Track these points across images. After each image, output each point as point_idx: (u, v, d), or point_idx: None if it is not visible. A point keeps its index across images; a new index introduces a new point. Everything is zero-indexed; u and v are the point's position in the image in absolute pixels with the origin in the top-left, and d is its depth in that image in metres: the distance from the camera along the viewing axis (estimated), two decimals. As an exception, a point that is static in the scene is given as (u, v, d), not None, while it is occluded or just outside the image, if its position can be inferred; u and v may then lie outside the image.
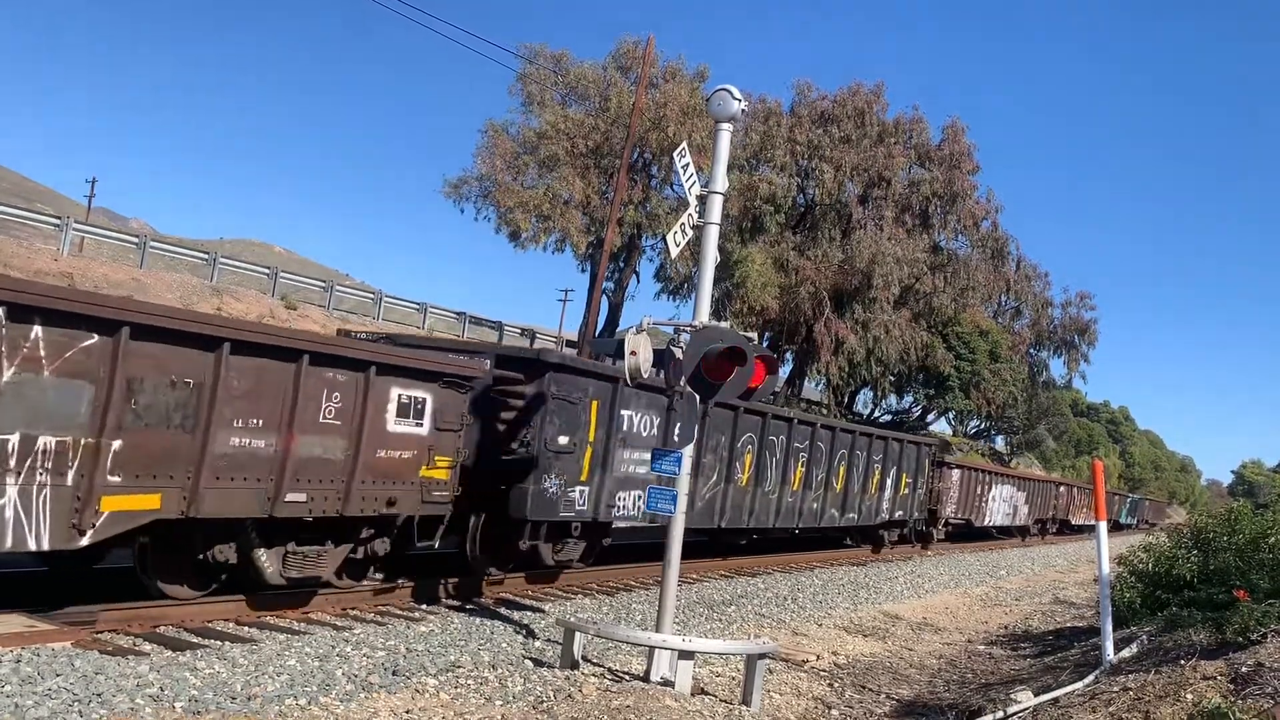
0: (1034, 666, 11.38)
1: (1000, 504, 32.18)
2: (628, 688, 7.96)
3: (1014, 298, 56.71)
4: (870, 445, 20.82)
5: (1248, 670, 6.73)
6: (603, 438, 12.36)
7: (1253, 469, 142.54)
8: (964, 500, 28.26)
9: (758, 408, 15.78)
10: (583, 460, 12.06)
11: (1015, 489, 34.53)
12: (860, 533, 22.55)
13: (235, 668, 7.40)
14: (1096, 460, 11.65)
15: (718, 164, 8.97)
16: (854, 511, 20.25)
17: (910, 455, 23.20)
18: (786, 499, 17.40)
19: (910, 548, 25.70)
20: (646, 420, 13.21)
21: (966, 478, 28.72)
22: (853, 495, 20.08)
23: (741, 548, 18.23)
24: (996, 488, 32.01)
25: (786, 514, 17.54)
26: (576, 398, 11.85)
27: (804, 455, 17.84)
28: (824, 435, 18.68)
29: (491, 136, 37.59)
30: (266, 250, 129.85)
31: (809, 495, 18.24)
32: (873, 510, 21.21)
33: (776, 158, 40.56)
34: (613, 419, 12.53)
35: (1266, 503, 47.95)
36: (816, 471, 18.30)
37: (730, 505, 15.67)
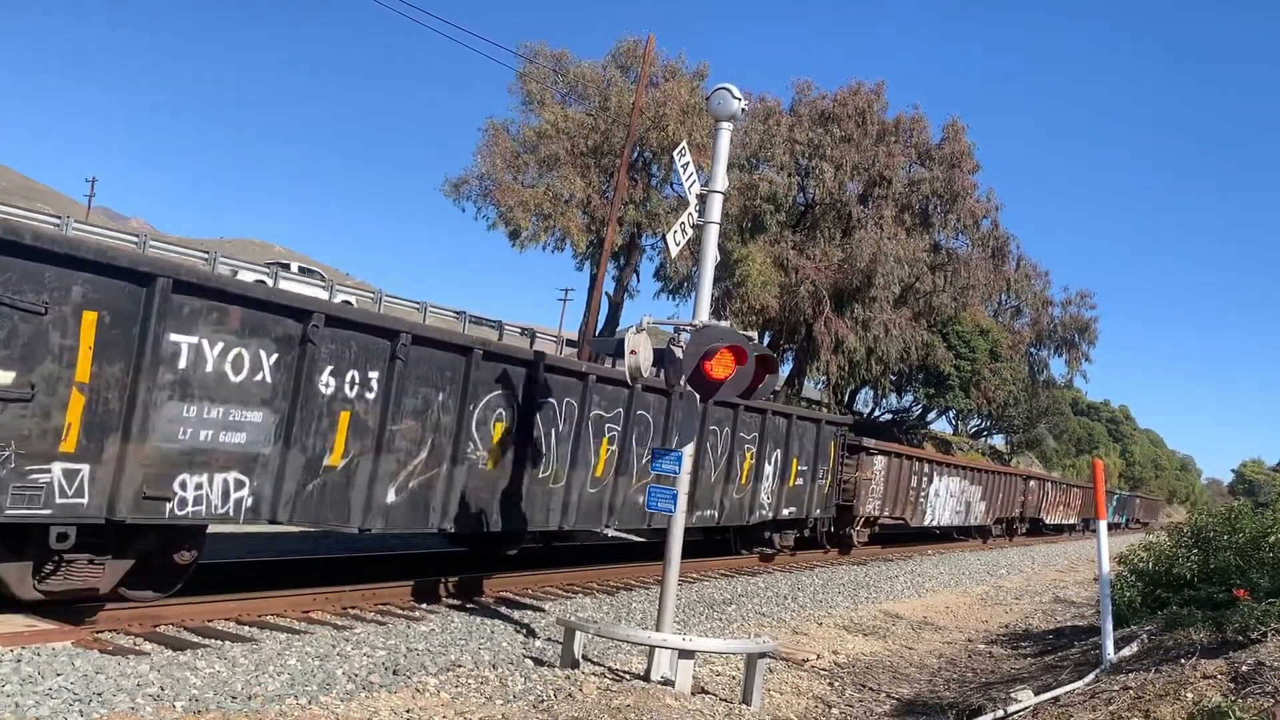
0: (1034, 665, 11.38)
1: (946, 500, 27.34)
2: (628, 687, 7.96)
3: (1014, 296, 56.75)
4: (735, 420, 15.66)
5: (1248, 669, 6.72)
6: (119, 378, 7.61)
7: (1253, 468, 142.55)
8: (893, 495, 23.38)
9: (518, 354, 11.63)
10: (62, 416, 7.28)
11: (967, 482, 29.46)
12: (740, 535, 17.96)
13: (236, 667, 7.40)
14: (1097, 459, 11.66)
15: (718, 163, 8.97)
16: (711, 507, 15.40)
17: (805, 436, 18.24)
18: (584, 489, 12.65)
19: (824, 553, 21.01)
20: (240, 356, 8.47)
21: (896, 467, 23.54)
22: (707, 485, 15.13)
23: (510, 560, 13.49)
24: (940, 480, 26.88)
25: (584, 510, 12.75)
26: (36, 301, 7.08)
27: (615, 430, 13.12)
28: (651, 403, 13.64)
29: (492, 135, 37.62)
30: (266, 249, 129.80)
31: (627, 484, 13.42)
32: (743, 506, 16.48)
33: (776, 157, 40.57)
34: (148, 347, 7.69)
35: (1267, 501, 47.96)
36: (640, 450, 13.58)
37: (465, 495, 10.84)
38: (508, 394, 11.30)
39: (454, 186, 37.55)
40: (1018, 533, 36.64)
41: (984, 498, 30.92)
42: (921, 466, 25.56)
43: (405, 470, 10.16)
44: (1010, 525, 35.47)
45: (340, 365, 9.36)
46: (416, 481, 10.32)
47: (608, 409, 13.00)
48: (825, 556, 20.90)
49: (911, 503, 24.82)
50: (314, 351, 8.99)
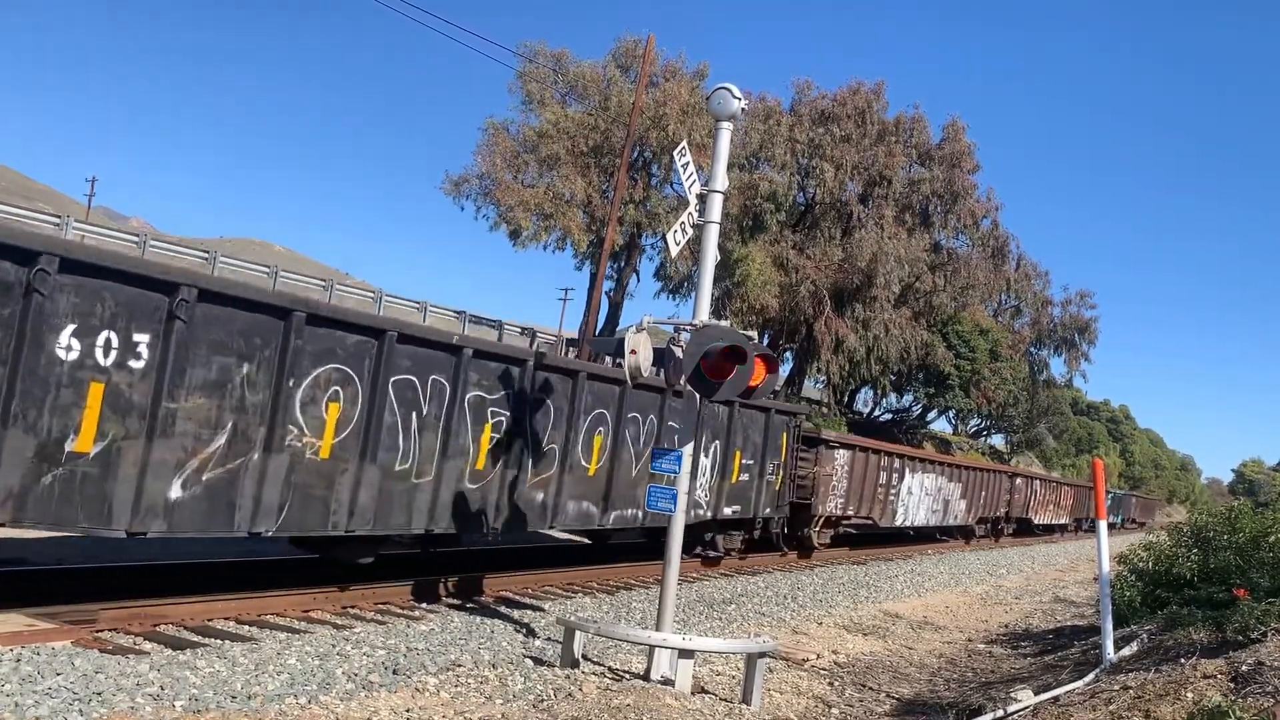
0: (1034, 665, 11.38)
1: (920, 498, 25.30)
2: (628, 686, 7.96)
3: (1014, 296, 56.80)
4: (662, 408, 13.89)
5: (1248, 669, 6.72)
6: None
7: (1253, 467, 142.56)
8: (859, 492, 21.30)
9: (359, 321, 9.78)
10: None
11: (945, 479, 27.35)
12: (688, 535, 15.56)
13: (235, 666, 7.40)
14: (1096, 459, 11.65)
15: (718, 162, 8.96)
16: (633, 506, 13.55)
17: (750, 427, 16.14)
18: (459, 485, 10.81)
19: (780, 556, 18.92)
20: None
21: (861, 462, 21.37)
22: (627, 481, 13.38)
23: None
24: (914, 476, 24.82)
25: (460, 510, 10.83)
26: None
27: (502, 416, 11.18)
28: (555, 386, 11.98)
29: (492, 135, 37.63)
30: (266, 249, 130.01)
31: (520, 478, 11.63)
32: None
33: (777, 156, 40.57)
34: None
35: (1267, 501, 47.91)
36: (538, 439, 11.79)
37: (287, 491, 8.98)
38: (347, 368, 9.43)
39: (454, 186, 37.58)
40: (1004, 533, 35.00)
41: (964, 496, 29.04)
42: (891, 461, 23.49)
43: (196, 459, 8.21)
44: (995, 526, 33.75)
45: (88, 324, 7.41)
46: (214, 474, 8.36)
47: (491, 390, 11.00)
48: (782, 560, 18.94)
49: (880, 501, 22.76)
50: (43, 304, 7.12)
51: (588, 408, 12.52)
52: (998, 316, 57.48)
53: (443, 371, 10.45)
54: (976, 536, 31.75)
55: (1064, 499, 42.72)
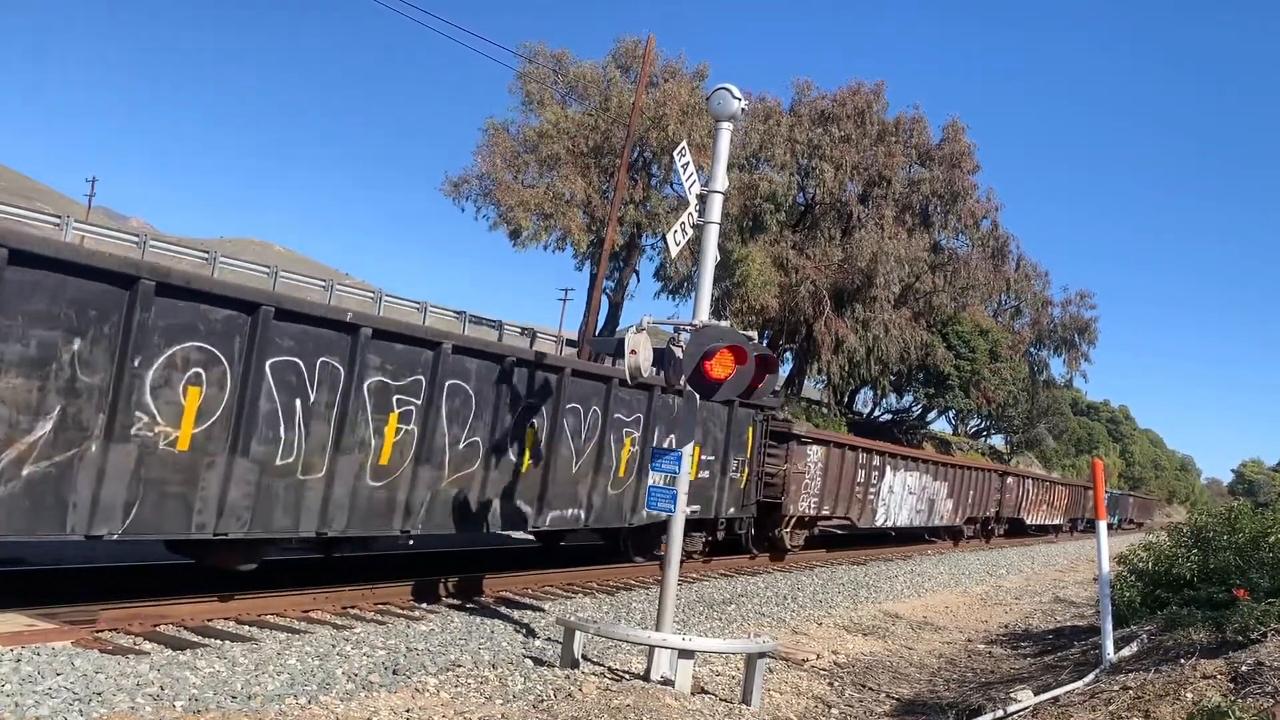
0: (1034, 665, 11.38)
1: (903, 497, 24.21)
2: (628, 686, 7.96)
3: (1014, 297, 56.84)
4: (608, 398, 12.80)
5: (1248, 669, 6.73)
6: None
7: (1253, 467, 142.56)
8: (834, 491, 20.12)
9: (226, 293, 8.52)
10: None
11: (930, 477, 26.08)
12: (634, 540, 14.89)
13: (235, 667, 7.40)
14: (1096, 459, 11.65)
15: (718, 163, 8.97)
16: (573, 506, 12.50)
17: (711, 420, 15.08)
18: (359, 483, 9.62)
19: (749, 559, 17.83)
20: None
21: (837, 459, 20.15)
22: (566, 478, 12.32)
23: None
24: (895, 474, 23.69)
25: (361, 510, 9.69)
26: None
27: (411, 406, 10.08)
28: (472, 373, 10.75)
29: (492, 135, 37.67)
30: (266, 249, 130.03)
31: (436, 476, 10.48)
32: (622, 504, 13.52)
33: (776, 157, 40.61)
34: None
35: (1266, 501, 47.85)
36: (457, 432, 10.61)
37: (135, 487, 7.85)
38: (211, 347, 8.27)
39: (454, 186, 37.62)
40: (994, 534, 33.77)
41: (951, 495, 27.73)
42: (870, 459, 22.16)
43: (12, 450, 7.02)
44: (985, 526, 32.56)
45: None
46: (38, 467, 7.17)
47: (397, 376, 9.85)
48: (752, 563, 17.83)
49: (859, 500, 21.55)
50: None
51: (518, 397, 11.36)
52: (998, 317, 57.52)
53: (335, 354, 9.23)
54: (965, 538, 30.68)
55: (1058, 499, 41.66)
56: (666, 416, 14.00)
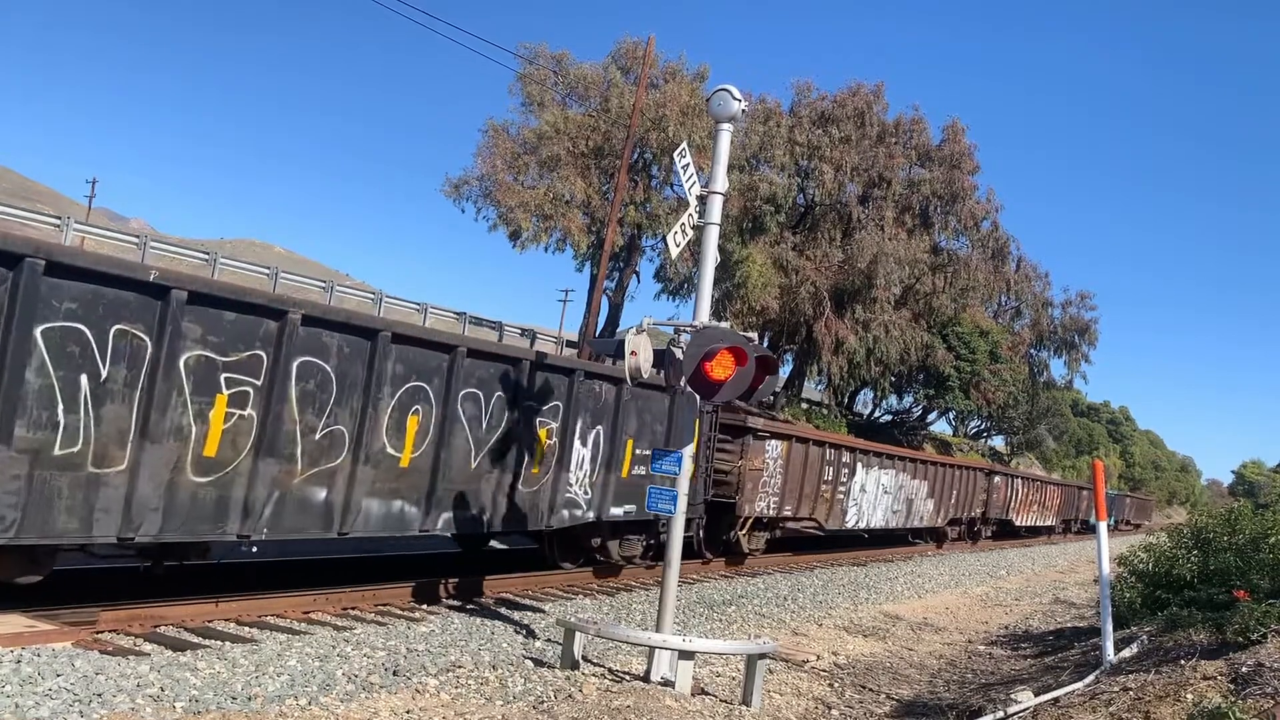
0: (1034, 666, 11.38)
1: (877, 497, 22.65)
2: (628, 688, 7.96)
3: (1014, 297, 56.84)
4: (518, 382, 11.28)
5: (1248, 670, 6.73)
6: None
7: (1253, 469, 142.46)
8: (797, 490, 18.49)
9: None
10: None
11: (908, 476, 24.44)
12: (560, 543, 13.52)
13: (236, 668, 7.40)
14: (1096, 460, 11.66)
15: (718, 164, 8.98)
16: (462, 507, 10.83)
17: (650, 411, 13.80)
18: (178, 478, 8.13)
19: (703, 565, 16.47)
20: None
21: (799, 455, 18.40)
22: (459, 473, 10.71)
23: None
24: (868, 472, 22.05)
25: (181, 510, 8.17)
26: None
27: (248, 387, 8.55)
28: (332, 350, 9.21)
29: (492, 136, 37.69)
30: (267, 250, 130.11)
31: (286, 469, 8.92)
32: (535, 504, 11.89)
33: (776, 158, 40.63)
34: None
35: (1267, 503, 47.74)
36: (312, 419, 9.01)
37: None
38: None
39: (454, 187, 37.65)
40: (981, 536, 32.29)
41: (932, 495, 26.09)
42: (839, 455, 20.53)
43: None
44: (972, 528, 31.14)
45: None
46: None
47: (227, 351, 8.37)
48: (705, 569, 16.51)
49: (826, 500, 19.87)
50: None
51: (398, 379, 9.80)
52: (998, 318, 57.52)
53: (138, 321, 7.70)
54: (949, 540, 29.23)
55: (1050, 499, 40.05)
56: (591, 405, 12.61)
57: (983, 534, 32.39)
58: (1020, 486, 35.24)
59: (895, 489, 23.75)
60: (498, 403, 11.14)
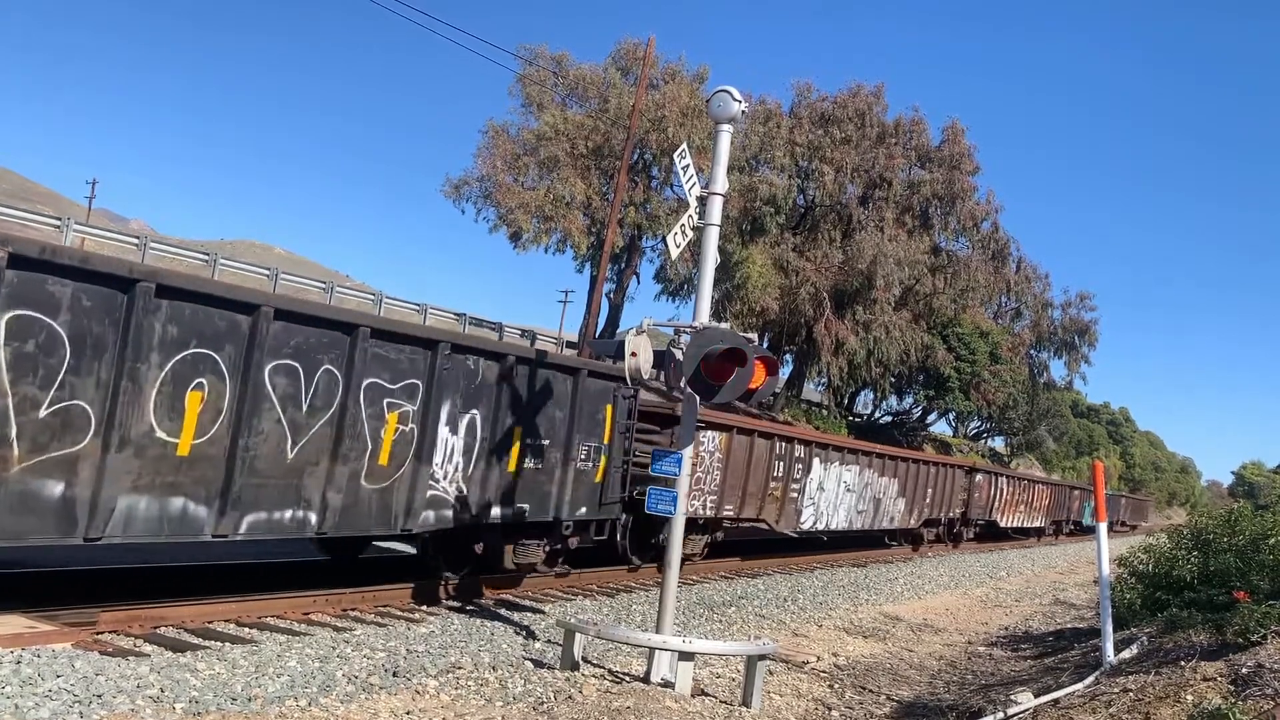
0: (1034, 667, 11.38)
1: (839, 495, 20.58)
2: (628, 689, 7.96)
3: (1014, 298, 56.88)
4: (354, 354, 9.32)
5: (1248, 671, 6.72)
6: None
7: (1253, 470, 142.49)
8: (740, 487, 16.42)
9: None
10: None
11: (875, 473, 22.35)
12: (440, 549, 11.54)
13: (235, 669, 7.40)
14: (1097, 461, 11.65)
15: (718, 165, 8.98)
16: (296, 505, 9.04)
17: (545, 393, 11.67)
18: None
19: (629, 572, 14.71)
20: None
21: (742, 448, 16.29)
22: (279, 466, 8.86)
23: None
24: (826, 468, 19.85)
25: None
26: None
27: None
28: (69, 299, 7.25)
29: (492, 137, 37.73)
30: (267, 251, 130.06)
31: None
32: (385, 502, 9.87)
33: (776, 159, 40.66)
34: None
35: (1267, 504, 47.61)
36: (35, 391, 7.09)
37: None
38: None
39: (454, 188, 37.69)
40: (963, 538, 30.33)
41: (904, 494, 24.02)
42: (792, 449, 18.32)
43: None
44: (952, 529, 29.14)
45: None
46: None
47: None
48: (631, 576, 14.63)
49: (776, 499, 17.66)
50: None
51: (170, 344, 7.88)
52: (998, 319, 57.56)
53: None
54: (927, 542, 27.27)
55: (1038, 499, 37.70)
56: (463, 385, 10.58)
57: (964, 536, 30.52)
58: (1005, 486, 33.19)
59: (860, 487, 21.70)
60: (325, 379, 9.13)
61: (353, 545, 12.41)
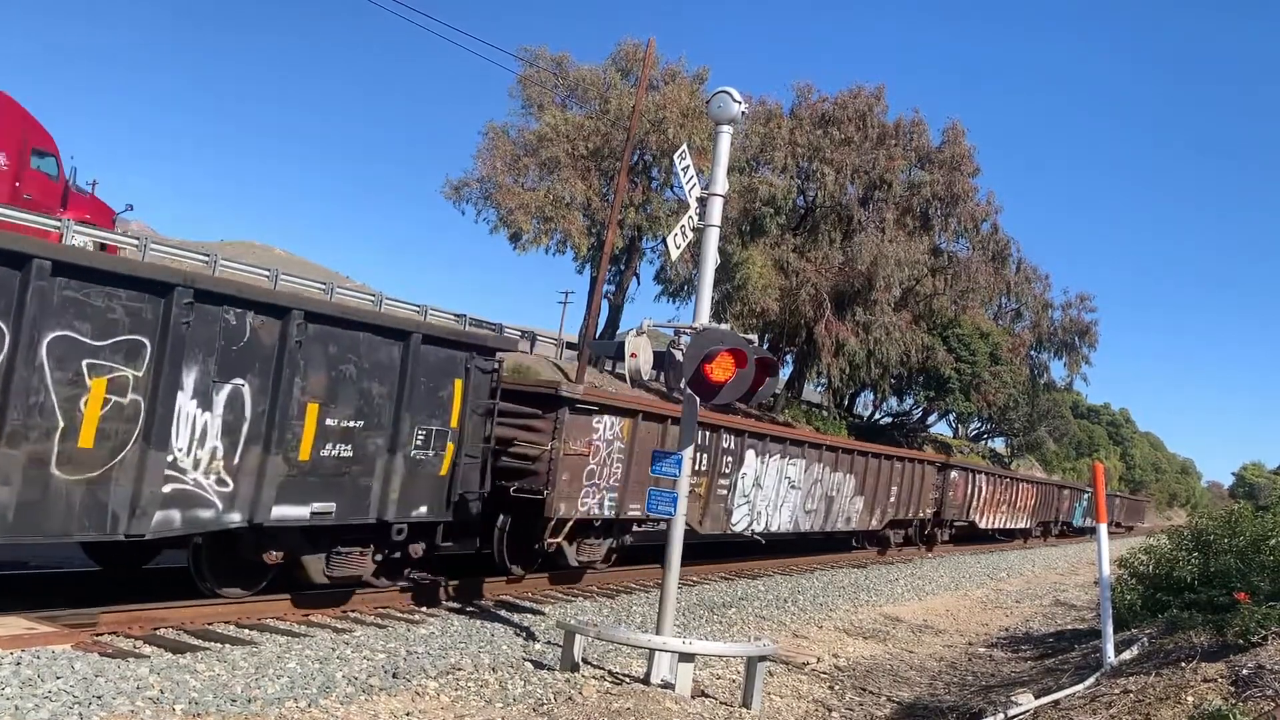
0: (1034, 669, 11.38)
1: (780, 493, 17.81)
2: (628, 690, 7.96)
3: (1014, 299, 56.87)
4: (26, 294, 6.91)
5: (1248, 672, 6.72)
6: None
7: (1253, 471, 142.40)
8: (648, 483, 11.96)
9: None
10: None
11: (826, 467, 19.44)
12: (208, 558, 9.34)
13: (235, 670, 7.40)
14: (1097, 462, 11.65)
15: (718, 166, 8.98)
16: None
17: (362, 362, 9.49)
18: None
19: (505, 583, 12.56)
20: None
21: (650, 436, 13.63)
22: None
23: None
24: (762, 462, 17.07)
25: None
26: None
27: None
28: None
29: (492, 138, 37.73)
30: (267, 252, 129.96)
31: None
32: (100, 500, 7.58)
33: (777, 160, 40.68)
34: None
35: (1267, 505, 47.42)
36: None
37: None
38: None
39: (454, 189, 37.68)
40: (938, 540, 27.56)
41: (861, 491, 21.11)
42: (719, 439, 15.60)
43: None
44: (923, 530, 26.32)
45: None
46: None
47: None
48: (510, 589, 12.52)
49: (700, 496, 15.23)
50: None
51: None
52: (998, 320, 57.57)
53: None
54: (894, 545, 24.49)
55: (1022, 498, 34.67)
56: (220, 347, 8.25)
57: (939, 539, 27.62)
58: (984, 484, 30.38)
59: (807, 484, 18.79)
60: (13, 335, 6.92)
61: (132, 552, 9.53)
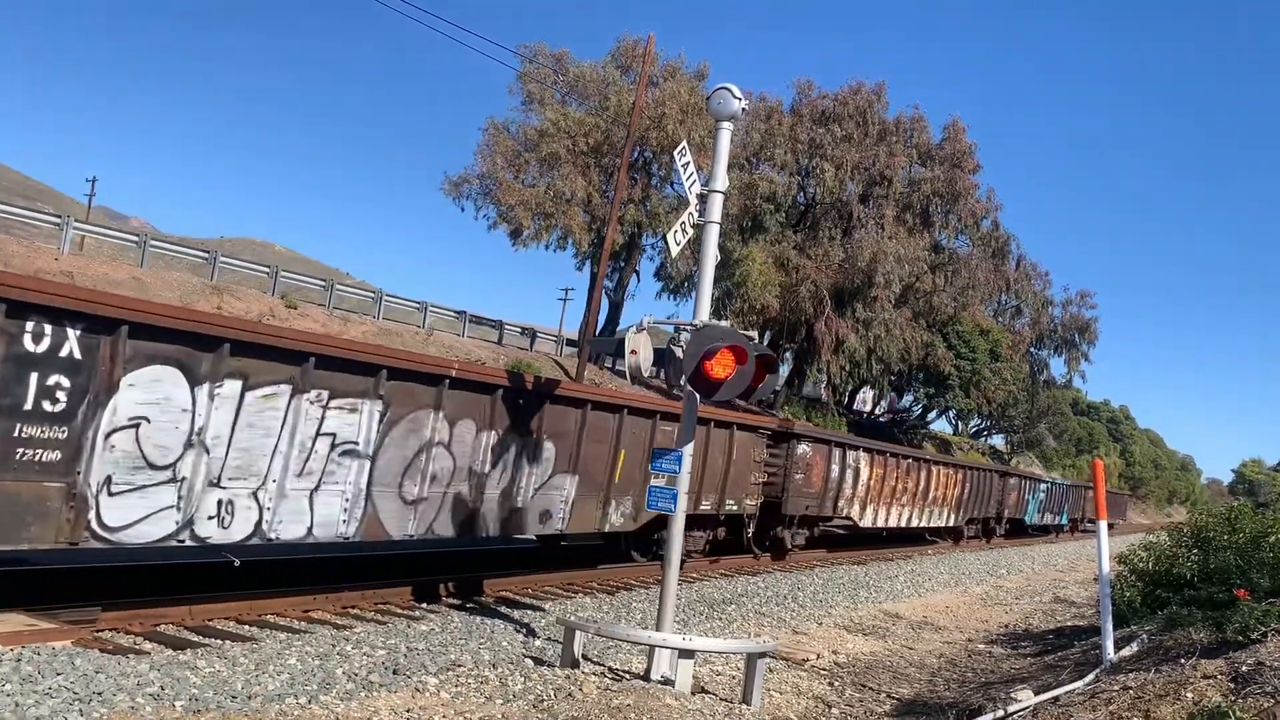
0: (1034, 665, 11.38)
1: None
2: (628, 686, 7.96)
3: (1014, 296, 56.89)
4: None
5: (1248, 669, 6.72)
6: None
7: (1253, 467, 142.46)
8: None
9: None
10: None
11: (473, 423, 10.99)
12: None
13: (236, 666, 7.40)
14: (1097, 459, 11.64)
15: (718, 163, 8.96)
16: None
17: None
18: None
19: None
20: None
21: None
22: None
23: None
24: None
25: None
26: None
27: None
28: None
29: (492, 135, 37.71)
30: (267, 249, 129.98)
31: None
32: None
33: (777, 156, 40.65)
34: None
35: (1267, 501, 47.46)
36: None
37: None
38: None
39: (454, 186, 37.66)
40: (786, 545, 18.91)
41: (570, 469, 12.52)
42: None
43: None
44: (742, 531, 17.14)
45: None
46: None
47: None
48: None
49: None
50: None
51: None
52: (998, 317, 57.56)
53: None
54: (697, 554, 16.12)
55: (941, 487, 26.35)
56: None
57: (788, 543, 18.90)
58: (865, 465, 21.42)
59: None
60: None
61: None
